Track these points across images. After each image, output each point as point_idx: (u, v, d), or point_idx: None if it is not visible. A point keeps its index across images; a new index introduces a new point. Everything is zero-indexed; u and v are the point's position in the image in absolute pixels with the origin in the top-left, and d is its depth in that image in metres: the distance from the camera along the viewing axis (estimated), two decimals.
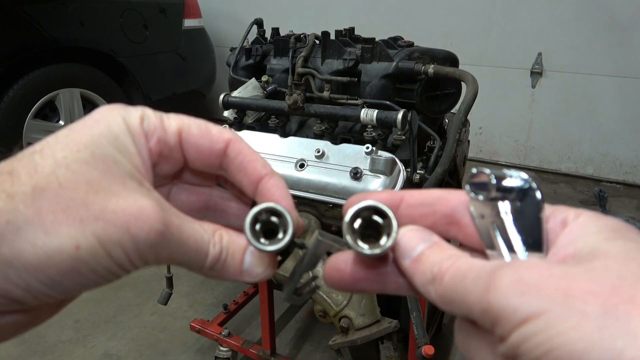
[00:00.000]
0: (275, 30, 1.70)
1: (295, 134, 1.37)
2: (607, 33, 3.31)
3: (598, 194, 2.85)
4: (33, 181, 0.24)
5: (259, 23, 1.72)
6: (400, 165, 1.17)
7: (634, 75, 3.32)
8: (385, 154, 1.17)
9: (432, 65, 1.28)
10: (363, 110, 1.22)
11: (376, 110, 1.20)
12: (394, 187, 1.15)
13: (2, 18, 2.61)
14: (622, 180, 3.57)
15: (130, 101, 3.37)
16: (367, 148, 1.17)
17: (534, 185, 0.27)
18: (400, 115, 1.15)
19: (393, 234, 0.27)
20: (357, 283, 0.29)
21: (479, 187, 0.27)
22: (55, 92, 2.87)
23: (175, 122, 0.31)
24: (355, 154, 1.21)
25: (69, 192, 0.24)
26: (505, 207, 0.27)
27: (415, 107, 1.33)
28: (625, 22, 3.25)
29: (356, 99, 1.30)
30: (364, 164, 1.17)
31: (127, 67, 3.23)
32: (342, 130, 1.37)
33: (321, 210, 1.26)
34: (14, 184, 0.24)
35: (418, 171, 1.23)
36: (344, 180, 1.18)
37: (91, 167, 0.26)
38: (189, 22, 3.69)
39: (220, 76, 4.18)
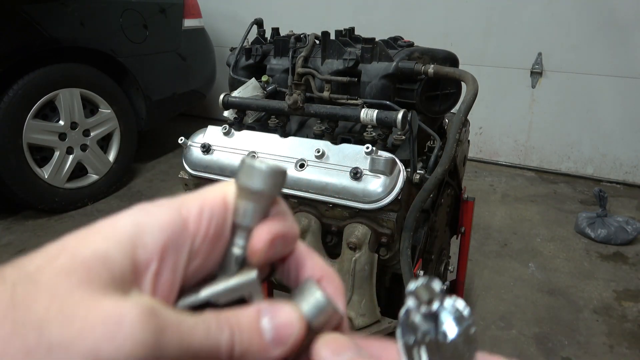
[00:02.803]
0: (275, 30, 1.70)
1: (295, 134, 1.37)
2: (607, 33, 3.31)
3: (598, 194, 2.85)
4: None
5: (259, 23, 1.72)
6: (400, 165, 1.17)
7: (634, 75, 3.32)
8: (385, 154, 1.17)
9: (432, 65, 1.28)
10: (363, 110, 1.21)
11: (376, 110, 1.20)
12: (394, 187, 1.15)
13: (2, 18, 2.61)
14: (622, 180, 3.57)
15: (130, 101, 3.37)
16: (367, 148, 1.17)
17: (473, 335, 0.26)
18: (400, 115, 1.15)
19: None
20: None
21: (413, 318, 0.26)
22: (55, 92, 2.86)
23: None
24: (355, 154, 1.21)
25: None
26: (435, 344, 0.26)
27: (415, 107, 1.33)
28: (625, 22, 3.25)
29: (356, 99, 1.30)
30: (364, 164, 1.17)
31: (127, 67, 3.23)
32: (342, 130, 1.37)
33: (321, 211, 1.26)
34: None
35: (418, 171, 1.23)
36: (344, 180, 1.18)
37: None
38: (189, 22, 3.69)
39: (220, 76, 4.18)
